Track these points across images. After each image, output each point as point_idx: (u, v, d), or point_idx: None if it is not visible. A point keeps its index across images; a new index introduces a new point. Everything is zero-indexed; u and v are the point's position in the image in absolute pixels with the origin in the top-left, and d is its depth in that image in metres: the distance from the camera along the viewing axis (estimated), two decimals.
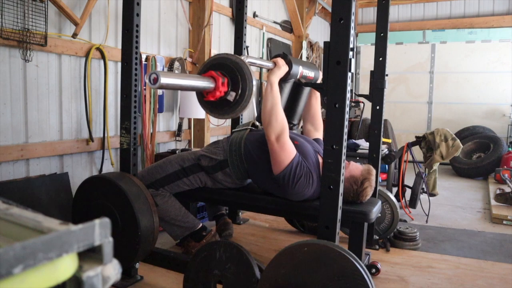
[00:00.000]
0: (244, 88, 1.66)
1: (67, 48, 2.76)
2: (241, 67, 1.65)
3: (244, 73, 1.65)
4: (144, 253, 2.11)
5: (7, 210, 0.53)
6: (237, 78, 1.66)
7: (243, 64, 1.66)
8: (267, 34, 5.50)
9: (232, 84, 1.68)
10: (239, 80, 1.66)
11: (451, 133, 3.70)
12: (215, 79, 1.63)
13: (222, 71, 1.69)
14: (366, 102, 2.95)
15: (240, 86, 1.66)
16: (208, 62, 1.76)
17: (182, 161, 2.39)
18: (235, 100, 1.68)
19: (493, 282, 2.34)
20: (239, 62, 1.66)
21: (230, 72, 1.68)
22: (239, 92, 1.67)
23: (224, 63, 1.70)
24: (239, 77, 1.66)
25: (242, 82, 1.66)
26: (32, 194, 2.54)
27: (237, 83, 1.67)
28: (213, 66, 1.72)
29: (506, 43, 6.97)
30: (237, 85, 1.67)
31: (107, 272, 0.52)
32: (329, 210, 1.62)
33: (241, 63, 1.66)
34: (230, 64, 1.67)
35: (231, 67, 1.67)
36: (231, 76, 1.67)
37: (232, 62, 1.67)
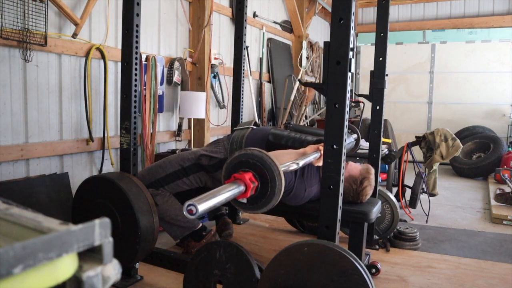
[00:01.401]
0: (268, 199, 1.54)
1: (67, 48, 2.76)
2: (275, 184, 1.50)
3: (275, 189, 1.52)
4: (144, 253, 2.11)
5: (7, 210, 0.53)
6: (267, 188, 1.52)
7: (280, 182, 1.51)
8: (267, 34, 5.50)
9: (260, 190, 1.54)
10: (268, 191, 1.53)
11: (451, 133, 3.70)
12: (246, 186, 1.50)
13: (256, 172, 1.52)
14: (366, 102, 2.95)
15: (267, 195, 1.53)
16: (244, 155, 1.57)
17: (182, 161, 2.39)
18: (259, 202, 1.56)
19: (493, 282, 2.34)
20: (276, 176, 1.51)
21: (263, 179, 1.52)
22: (263, 201, 1.55)
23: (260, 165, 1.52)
24: (269, 189, 1.53)
25: (269, 193, 1.53)
26: (32, 194, 2.54)
27: (265, 191, 1.53)
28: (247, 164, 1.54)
29: (506, 43, 6.97)
30: (265, 193, 1.54)
31: (107, 272, 0.52)
32: (329, 210, 1.62)
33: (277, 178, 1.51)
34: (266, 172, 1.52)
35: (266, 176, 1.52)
36: (262, 181, 1.52)
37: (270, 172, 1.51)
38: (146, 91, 3.37)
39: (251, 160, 1.50)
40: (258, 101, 5.35)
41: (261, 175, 1.49)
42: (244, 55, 3.14)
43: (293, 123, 2.57)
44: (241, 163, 1.52)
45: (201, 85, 4.06)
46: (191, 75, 4.07)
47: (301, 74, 6.17)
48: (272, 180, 1.48)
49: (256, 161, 1.50)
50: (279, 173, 1.48)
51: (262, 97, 5.38)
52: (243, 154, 1.53)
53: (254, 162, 1.50)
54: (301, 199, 2.13)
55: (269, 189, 1.49)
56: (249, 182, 1.46)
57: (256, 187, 1.49)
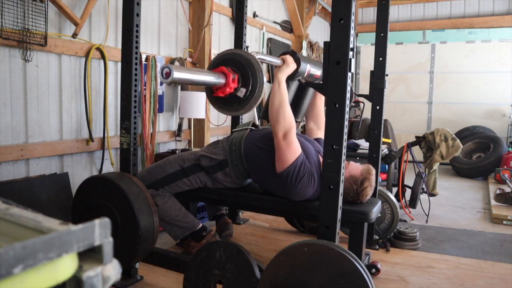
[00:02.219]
0: (254, 84, 1.63)
1: (67, 48, 2.76)
2: (252, 63, 1.63)
3: (255, 70, 1.63)
4: (144, 253, 2.11)
5: (7, 210, 0.53)
6: (247, 75, 1.64)
7: (254, 60, 1.63)
8: (267, 34, 5.50)
9: (242, 81, 1.65)
10: (250, 77, 1.63)
11: (451, 133, 3.70)
12: (225, 75, 1.61)
13: (233, 67, 1.66)
14: (366, 102, 2.95)
15: (250, 82, 1.64)
16: (218, 57, 1.73)
17: (182, 161, 2.39)
18: (245, 97, 1.66)
19: (493, 282, 2.34)
20: (250, 58, 1.64)
21: (241, 68, 1.65)
22: (249, 89, 1.64)
23: (235, 58, 1.67)
24: (250, 73, 1.63)
25: (252, 78, 1.64)
26: (32, 194, 2.54)
27: (247, 80, 1.64)
28: (224, 62, 1.69)
29: (506, 43, 6.97)
30: (248, 82, 1.64)
31: (107, 272, 0.52)
32: (329, 210, 1.62)
33: (252, 59, 1.63)
34: (241, 60, 1.65)
35: (242, 64, 1.64)
36: (241, 72, 1.64)
37: (243, 58, 1.64)
38: (146, 91, 3.38)
39: (226, 57, 1.63)
40: None
41: (245, 79, 1.60)
42: None
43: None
44: (231, 61, 1.67)
45: None
46: None
47: None
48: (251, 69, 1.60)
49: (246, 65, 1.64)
50: (262, 84, 1.60)
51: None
52: (237, 53, 1.69)
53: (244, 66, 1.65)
54: (304, 192, 2.11)
55: (249, 73, 1.59)
56: (230, 80, 1.61)
57: (237, 78, 1.59)
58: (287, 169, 2.07)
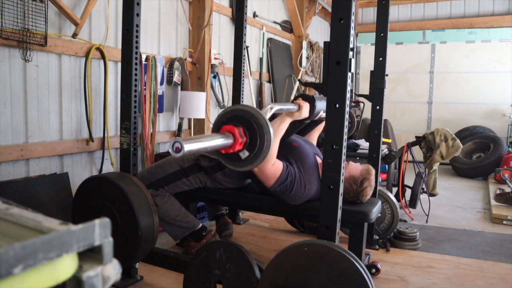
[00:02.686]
0: (258, 152, 1.57)
1: (67, 48, 2.76)
2: (264, 132, 1.55)
3: (264, 139, 1.55)
4: (144, 253, 2.11)
5: (7, 210, 0.53)
6: (255, 140, 1.56)
7: (267, 129, 1.54)
8: (267, 34, 5.50)
9: (249, 144, 1.58)
10: (257, 144, 1.56)
11: (451, 133, 3.70)
12: (234, 137, 1.53)
13: (245, 127, 1.57)
14: (366, 102, 2.95)
15: (256, 149, 1.56)
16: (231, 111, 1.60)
17: (181, 162, 2.39)
18: (245, 159, 1.59)
19: (493, 282, 2.34)
20: (264, 126, 1.55)
21: (252, 132, 1.56)
22: (253, 154, 1.57)
23: (248, 119, 1.57)
24: (259, 141, 1.56)
25: (259, 146, 1.56)
26: (32, 194, 2.54)
27: (254, 145, 1.57)
28: (236, 118, 1.58)
29: (506, 43, 6.97)
30: (254, 147, 1.57)
31: (107, 272, 0.52)
32: (329, 210, 1.62)
33: (265, 127, 1.54)
34: (254, 124, 1.55)
35: (254, 128, 1.56)
36: (251, 136, 1.56)
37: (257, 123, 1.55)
38: (146, 91, 3.37)
39: (243, 116, 1.57)
40: (258, 101, 5.35)
41: (251, 131, 1.55)
42: (244, 55, 3.14)
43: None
44: (233, 117, 1.59)
45: (201, 85, 4.06)
46: (191, 75, 4.07)
47: (301, 74, 6.17)
48: (262, 138, 1.53)
49: (248, 117, 1.56)
50: (269, 133, 1.53)
51: (262, 97, 5.38)
52: (236, 109, 1.60)
53: (246, 118, 1.57)
54: (301, 196, 2.12)
55: (258, 146, 1.53)
56: (238, 136, 1.53)
57: (244, 142, 1.54)
58: (274, 186, 2.09)
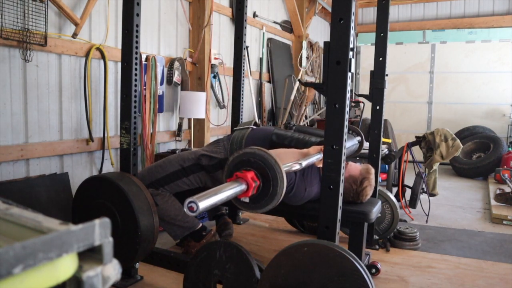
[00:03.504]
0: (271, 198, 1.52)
1: (67, 48, 2.76)
2: (277, 181, 1.50)
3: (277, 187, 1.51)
4: (144, 253, 2.11)
5: (7, 210, 0.53)
6: (268, 186, 1.51)
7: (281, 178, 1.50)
8: (267, 34, 5.50)
9: (262, 189, 1.52)
10: (270, 189, 1.52)
11: (451, 133, 3.70)
12: (248, 185, 1.48)
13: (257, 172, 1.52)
14: (366, 102, 2.95)
15: (268, 194, 1.52)
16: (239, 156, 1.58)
17: (182, 161, 2.39)
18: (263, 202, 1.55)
19: (493, 282, 2.34)
20: (278, 174, 1.51)
21: (265, 177, 1.51)
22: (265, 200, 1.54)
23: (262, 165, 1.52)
24: (271, 188, 1.52)
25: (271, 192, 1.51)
26: (32, 194, 2.54)
27: (266, 191, 1.52)
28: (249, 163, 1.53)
29: (506, 43, 6.97)
30: (267, 193, 1.52)
31: (107, 272, 0.52)
32: (329, 210, 1.62)
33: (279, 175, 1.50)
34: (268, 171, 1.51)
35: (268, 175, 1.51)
36: (263, 181, 1.51)
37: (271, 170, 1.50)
38: (146, 91, 3.37)
39: (253, 159, 1.50)
40: (258, 101, 5.35)
41: (263, 174, 1.49)
42: (244, 55, 3.13)
43: (294, 123, 2.57)
44: (244, 162, 1.51)
45: (201, 85, 4.06)
46: (191, 75, 4.07)
47: (301, 74, 6.17)
48: (274, 180, 1.48)
49: (259, 160, 1.49)
50: (281, 173, 1.47)
51: (262, 97, 5.38)
52: (246, 153, 1.52)
53: (256, 161, 1.49)
54: (301, 198, 2.13)
55: (271, 188, 1.49)
56: (251, 181, 1.46)
57: (258, 186, 1.49)
58: None
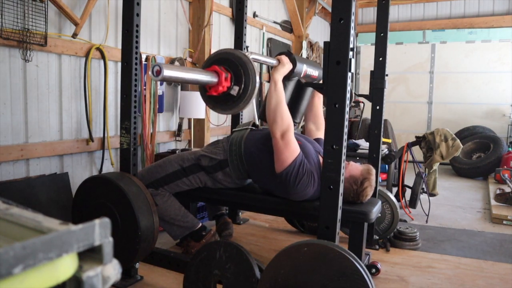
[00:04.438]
0: (247, 83, 1.64)
1: (67, 48, 2.76)
2: (244, 62, 1.63)
3: (247, 68, 1.63)
4: (144, 253, 2.11)
5: (7, 210, 0.53)
6: (240, 73, 1.64)
7: (247, 60, 1.64)
8: (267, 34, 5.50)
9: (235, 79, 1.65)
10: (242, 75, 1.64)
11: (451, 133, 3.70)
12: (218, 74, 1.61)
13: (226, 66, 1.66)
14: (366, 102, 2.95)
15: (243, 81, 1.64)
16: (211, 57, 1.74)
17: (182, 161, 2.39)
18: (238, 95, 1.65)
19: (493, 282, 2.34)
20: (243, 57, 1.64)
21: (234, 67, 1.65)
22: (242, 87, 1.65)
23: (227, 58, 1.67)
24: (243, 72, 1.63)
25: (245, 77, 1.64)
26: (32, 194, 2.54)
27: (240, 78, 1.64)
28: (217, 61, 1.69)
29: (506, 43, 6.96)
30: (240, 80, 1.64)
31: (107, 272, 0.52)
32: (329, 210, 1.62)
33: (244, 59, 1.64)
34: (234, 60, 1.65)
35: (235, 63, 1.65)
36: (234, 71, 1.64)
37: (236, 57, 1.65)
38: (146, 91, 3.37)
39: (218, 57, 1.63)
40: (258, 101, 5.35)
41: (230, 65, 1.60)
42: None
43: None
44: (224, 60, 1.67)
45: None
46: None
47: None
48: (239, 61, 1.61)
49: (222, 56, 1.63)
50: (253, 69, 1.58)
51: (262, 97, 5.38)
52: (211, 56, 1.70)
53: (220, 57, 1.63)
54: (304, 191, 2.11)
55: (242, 72, 1.60)
56: (223, 79, 1.60)
57: (230, 77, 1.59)
58: (286, 169, 2.07)
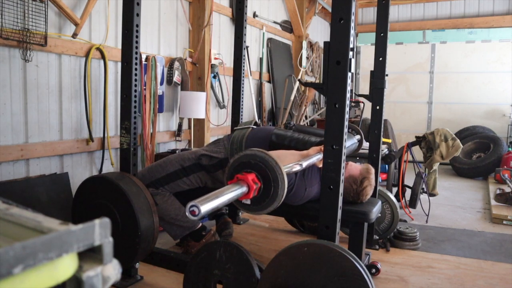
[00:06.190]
0: (272, 199, 1.53)
1: (67, 48, 2.76)
2: (278, 182, 1.50)
3: (278, 189, 1.51)
4: (144, 253, 2.11)
5: (7, 210, 0.53)
6: (269, 188, 1.51)
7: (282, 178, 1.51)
8: (267, 34, 5.50)
9: (263, 190, 1.53)
10: (271, 191, 1.52)
11: (451, 133, 3.70)
12: (248, 186, 1.49)
13: (258, 173, 1.52)
14: (366, 102, 2.95)
15: (270, 195, 1.52)
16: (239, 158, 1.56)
17: (182, 161, 2.39)
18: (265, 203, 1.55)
19: (493, 282, 2.34)
20: (279, 175, 1.51)
21: (266, 180, 1.51)
22: (266, 201, 1.54)
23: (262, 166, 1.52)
24: (273, 189, 1.52)
25: (273, 193, 1.52)
26: (32, 194, 2.54)
27: (267, 192, 1.52)
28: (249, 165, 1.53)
29: (506, 43, 6.97)
30: (268, 194, 1.53)
31: (107, 272, 0.52)
32: (329, 210, 1.62)
33: (280, 176, 1.50)
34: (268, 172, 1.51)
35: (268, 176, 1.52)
36: (264, 182, 1.51)
37: (271, 171, 1.51)
38: (146, 91, 3.37)
39: (254, 161, 1.50)
40: (258, 101, 5.35)
41: (264, 176, 1.49)
42: (244, 55, 3.13)
43: (294, 123, 2.58)
44: (244, 164, 1.51)
45: (201, 85, 4.06)
46: (191, 75, 4.07)
47: (301, 74, 6.17)
48: (275, 181, 1.48)
49: (259, 162, 1.49)
50: (282, 174, 1.47)
51: (262, 97, 5.38)
52: (246, 155, 1.53)
53: (257, 163, 1.49)
54: (301, 198, 2.13)
55: (272, 190, 1.49)
56: (252, 183, 1.46)
57: (259, 188, 1.49)
58: None
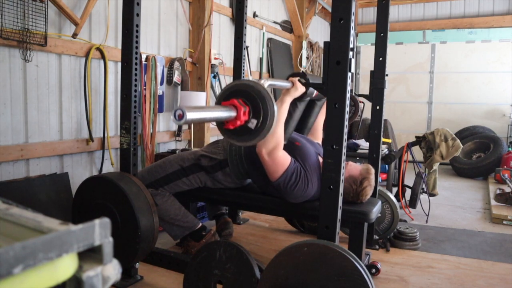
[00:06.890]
0: (265, 115, 1.60)
1: (67, 48, 2.76)
2: (262, 94, 1.59)
3: (265, 100, 1.60)
4: (144, 253, 2.11)
5: (7, 210, 0.53)
6: (258, 106, 1.60)
7: (264, 91, 1.60)
8: (267, 34, 5.50)
9: (253, 112, 1.61)
10: (261, 107, 1.60)
11: (451, 133, 3.70)
12: (236, 108, 1.58)
13: (244, 98, 1.62)
14: (366, 102, 2.95)
15: (261, 113, 1.60)
16: (228, 88, 1.69)
17: (182, 161, 2.39)
18: (256, 128, 1.62)
19: (493, 282, 2.34)
20: (261, 89, 1.61)
21: (251, 99, 1.61)
22: (261, 120, 1.61)
23: (245, 90, 1.62)
24: (261, 104, 1.60)
25: (263, 109, 1.61)
26: (32, 194, 2.54)
27: (258, 111, 1.61)
28: (234, 93, 1.64)
29: (506, 43, 6.96)
30: (259, 113, 1.61)
31: (107, 272, 0.52)
32: (329, 210, 1.62)
33: (264, 92, 1.60)
34: (252, 92, 1.61)
35: (252, 94, 1.61)
36: (252, 103, 1.61)
37: (255, 90, 1.60)
38: (146, 91, 3.37)
39: (236, 88, 1.60)
40: None
41: (249, 98, 1.58)
42: (244, 55, 3.14)
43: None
44: (229, 94, 1.62)
45: (201, 85, 4.06)
46: (191, 75, 4.07)
47: None
48: (258, 94, 1.57)
49: (241, 88, 1.60)
50: (263, 89, 1.56)
51: None
52: (228, 87, 1.64)
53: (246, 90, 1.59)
54: (302, 194, 2.12)
55: (261, 106, 1.57)
56: (239, 104, 1.55)
57: (248, 111, 1.56)
58: (279, 179, 2.10)
